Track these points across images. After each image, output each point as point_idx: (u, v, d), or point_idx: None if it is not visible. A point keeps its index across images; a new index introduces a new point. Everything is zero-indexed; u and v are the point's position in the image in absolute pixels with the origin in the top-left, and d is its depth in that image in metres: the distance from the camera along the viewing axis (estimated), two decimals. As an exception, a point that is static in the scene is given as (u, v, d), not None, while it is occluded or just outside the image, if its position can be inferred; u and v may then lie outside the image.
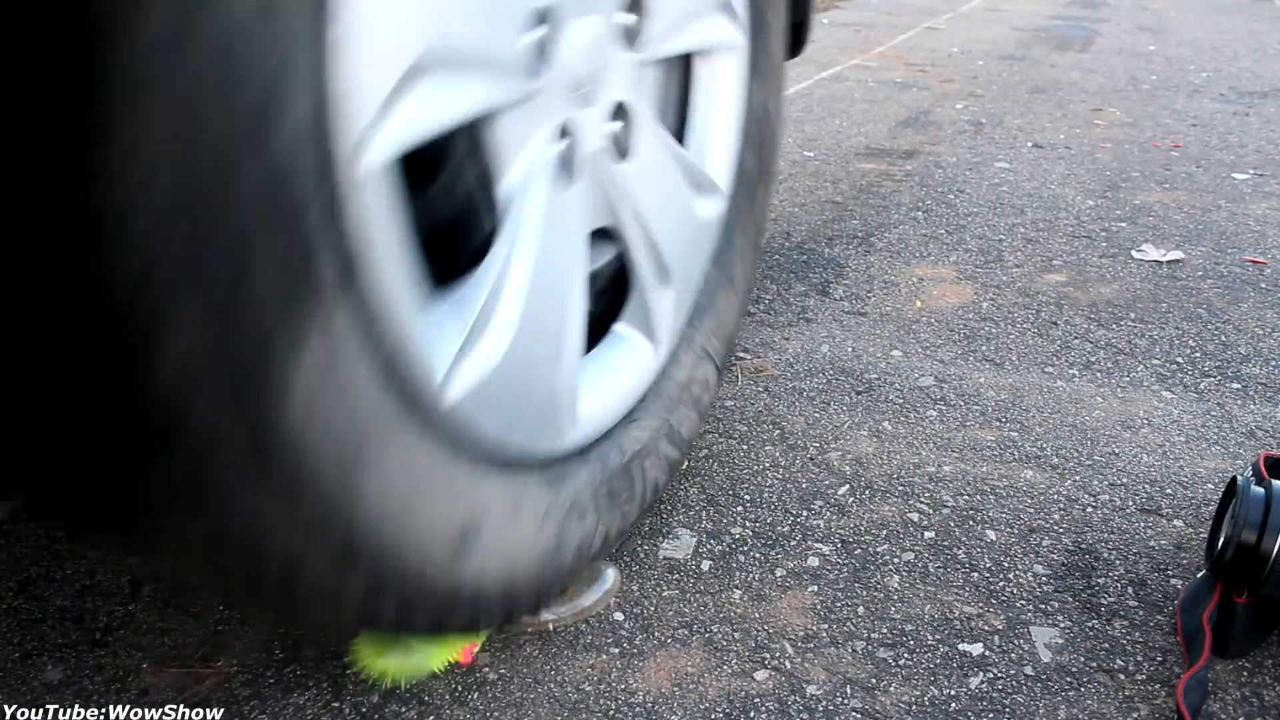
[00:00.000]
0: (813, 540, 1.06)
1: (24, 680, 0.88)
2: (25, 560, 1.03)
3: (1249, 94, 3.22)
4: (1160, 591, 0.99)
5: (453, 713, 0.85)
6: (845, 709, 0.85)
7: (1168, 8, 5.16)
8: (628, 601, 0.97)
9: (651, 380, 1.01)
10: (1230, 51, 3.96)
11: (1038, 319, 1.59)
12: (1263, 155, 2.50)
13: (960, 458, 1.21)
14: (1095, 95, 3.17)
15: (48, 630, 0.94)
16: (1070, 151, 2.53)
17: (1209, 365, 1.44)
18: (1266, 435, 1.26)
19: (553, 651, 0.91)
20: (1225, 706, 0.86)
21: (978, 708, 0.85)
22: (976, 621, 0.95)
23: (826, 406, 1.32)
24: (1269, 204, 2.14)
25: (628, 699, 0.86)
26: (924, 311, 1.60)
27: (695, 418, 1.07)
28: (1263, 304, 1.64)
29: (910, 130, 2.73)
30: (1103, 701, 0.86)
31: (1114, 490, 1.15)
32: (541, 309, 0.78)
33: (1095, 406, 1.33)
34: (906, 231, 1.96)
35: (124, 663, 0.90)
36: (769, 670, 0.89)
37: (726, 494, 1.13)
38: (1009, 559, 1.03)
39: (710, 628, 0.94)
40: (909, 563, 1.03)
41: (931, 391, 1.36)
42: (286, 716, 0.84)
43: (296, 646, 0.92)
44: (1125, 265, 1.80)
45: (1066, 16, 4.90)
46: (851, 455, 1.21)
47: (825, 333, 1.53)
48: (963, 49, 3.99)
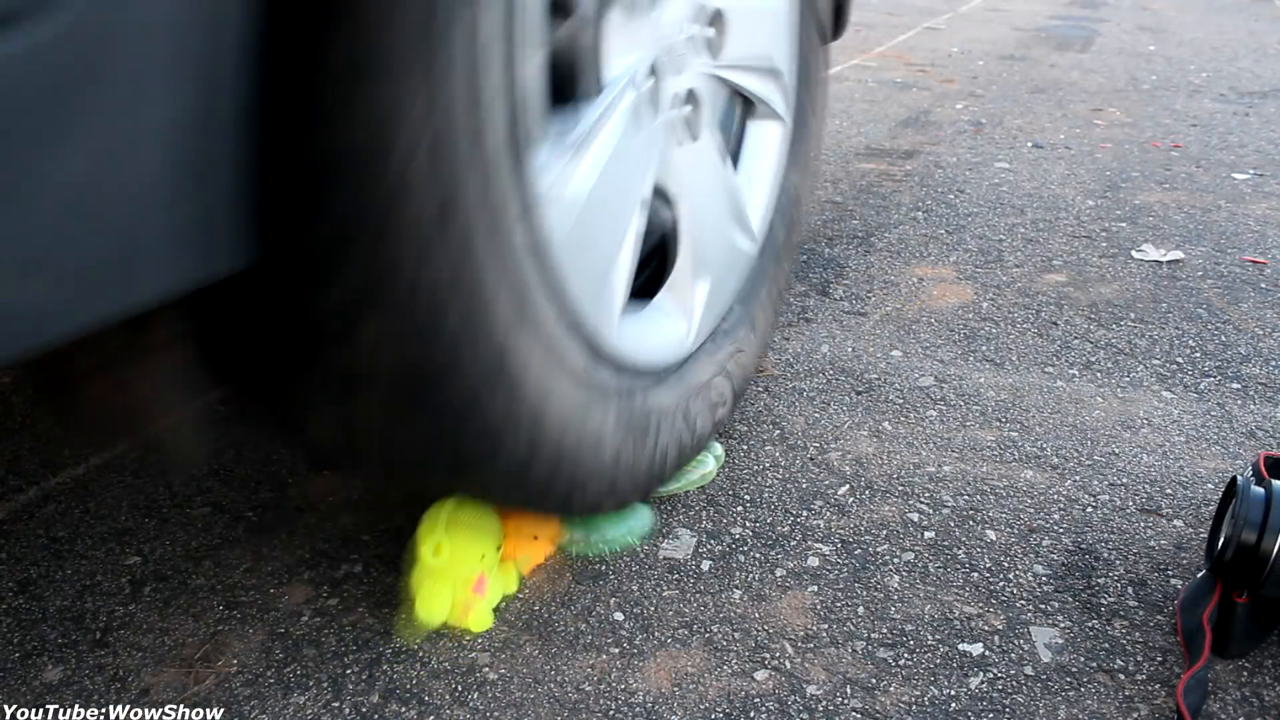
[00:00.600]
0: (813, 540, 1.06)
1: (24, 680, 0.88)
2: (25, 560, 1.03)
3: (1249, 94, 3.22)
4: (1160, 591, 0.99)
5: (453, 713, 0.85)
6: (845, 709, 0.85)
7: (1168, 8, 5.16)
8: (628, 601, 0.97)
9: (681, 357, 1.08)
10: (1230, 51, 3.96)
11: (1038, 319, 1.59)
12: (1263, 155, 2.50)
13: (960, 458, 1.21)
14: (1095, 95, 3.17)
15: (48, 630, 0.94)
16: (1070, 151, 2.53)
17: (1209, 365, 1.44)
18: (1266, 435, 1.26)
19: (553, 651, 0.91)
20: (1225, 706, 0.86)
21: (978, 708, 0.85)
22: (976, 621, 0.95)
23: (826, 406, 1.32)
24: (1269, 204, 2.14)
25: (628, 699, 0.86)
26: (924, 311, 1.60)
27: (710, 421, 1.12)
28: (1263, 304, 1.64)
29: (910, 130, 2.73)
30: (1103, 701, 0.86)
31: (1114, 490, 1.15)
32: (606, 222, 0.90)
33: (1095, 406, 1.33)
34: (906, 231, 1.96)
35: (124, 663, 0.90)
36: (769, 670, 0.89)
37: (726, 494, 1.13)
38: (1009, 559, 1.03)
39: (710, 628, 0.94)
40: (909, 563, 1.03)
41: (931, 391, 1.36)
42: (286, 716, 0.84)
43: (296, 646, 0.92)
44: (1125, 265, 1.80)
45: (1066, 16, 4.90)
46: (851, 455, 1.21)
47: (825, 333, 1.53)
48: (963, 49, 3.99)
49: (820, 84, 1.32)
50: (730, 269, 1.15)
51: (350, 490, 1.14)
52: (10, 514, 1.11)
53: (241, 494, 1.14)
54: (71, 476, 1.17)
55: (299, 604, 0.97)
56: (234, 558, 1.04)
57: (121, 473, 1.18)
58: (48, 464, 1.20)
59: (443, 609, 0.92)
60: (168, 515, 1.10)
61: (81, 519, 1.10)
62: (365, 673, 0.89)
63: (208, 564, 1.03)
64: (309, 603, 0.97)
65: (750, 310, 1.21)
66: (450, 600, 0.92)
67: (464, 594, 0.92)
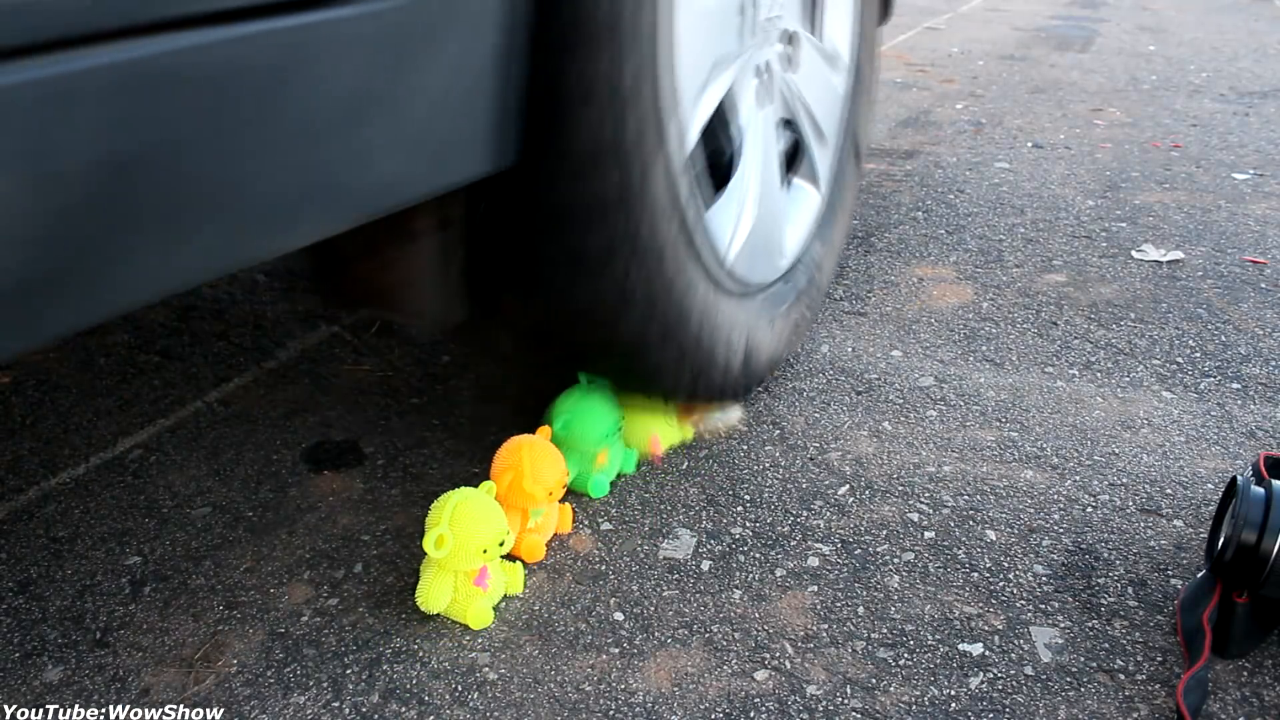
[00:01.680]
0: (813, 540, 1.06)
1: (24, 680, 0.88)
2: (25, 560, 1.03)
3: (1249, 94, 3.22)
4: (1160, 591, 0.99)
5: (453, 713, 0.85)
6: (845, 709, 0.85)
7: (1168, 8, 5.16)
8: (628, 601, 0.97)
9: (816, 218, 1.47)
10: (1230, 51, 3.96)
11: (1038, 319, 1.59)
12: (1263, 155, 2.50)
13: (960, 458, 1.21)
14: (1095, 95, 3.17)
15: (48, 630, 0.94)
16: (1070, 151, 2.53)
17: (1209, 365, 1.44)
18: (1266, 435, 1.26)
19: (553, 651, 0.91)
20: (1225, 706, 0.86)
21: (978, 708, 0.85)
22: (976, 621, 0.95)
23: (826, 406, 1.32)
24: (1269, 204, 2.14)
25: (628, 699, 0.86)
26: (924, 311, 1.60)
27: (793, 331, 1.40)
28: (1263, 304, 1.64)
29: (910, 130, 2.73)
30: (1103, 701, 0.86)
31: (1114, 490, 1.15)
32: (765, 192, 1.22)
33: (1095, 406, 1.33)
34: (906, 231, 1.96)
35: (124, 663, 0.90)
36: (769, 670, 0.89)
37: (726, 494, 1.13)
38: (1009, 559, 1.03)
39: (710, 628, 0.94)
40: (909, 563, 1.03)
41: (931, 391, 1.36)
42: (286, 716, 0.84)
43: (296, 646, 0.92)
44: (1125, 265, 1.80)
45: (1066, 16, 4.90)
46: (851, 455, 1.21)
47: (825, 333, 1.53)
48: (963, 49, 3.99)
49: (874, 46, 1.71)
50: (807, 208, 1.47)
51: (350, 490, 1.14)
52: (10, 514, 1.11)
53: (241, 494, 1.14)
54: (71, 476, 1.17)
55: (299, 604, 0.97)
56: (234, 558, 1.04)
57: (121, 473, 1.18)
58: (48, 464, 1.20)
59: (442, 600, 0.92)
60: (168, 515, 1.10)
61: (81, 519, 1.10)
62: (365, 673, 0.89)
63: (208, 564, 1.03)
64: (309, 603, 0.97)
65: (828, 229, 1.52)
66: (451, 592, 0.92)
67: (465, 587, 0.92)
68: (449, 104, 0.76)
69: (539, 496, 0.99)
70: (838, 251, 1.58)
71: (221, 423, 1.28)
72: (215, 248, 0.62)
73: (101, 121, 0.51)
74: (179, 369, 1.42)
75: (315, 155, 0.65)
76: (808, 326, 1.44)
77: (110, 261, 0.55)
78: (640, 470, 1.18)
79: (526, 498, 0.99)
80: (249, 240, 0.64)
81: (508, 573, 0.97)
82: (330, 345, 1.49)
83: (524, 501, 0.99)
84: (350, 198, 0.71)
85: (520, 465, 0.99)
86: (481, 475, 1.12)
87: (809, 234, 1.46)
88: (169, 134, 0.55)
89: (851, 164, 1.60)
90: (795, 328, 1.38)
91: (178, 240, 0.59)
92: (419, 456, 1.21)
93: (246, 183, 0.61)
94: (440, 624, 0.94)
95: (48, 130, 0.49)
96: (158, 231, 0.57)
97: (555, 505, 1.04)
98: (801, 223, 1.44)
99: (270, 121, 0.61)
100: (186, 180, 0.57)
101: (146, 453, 1.22)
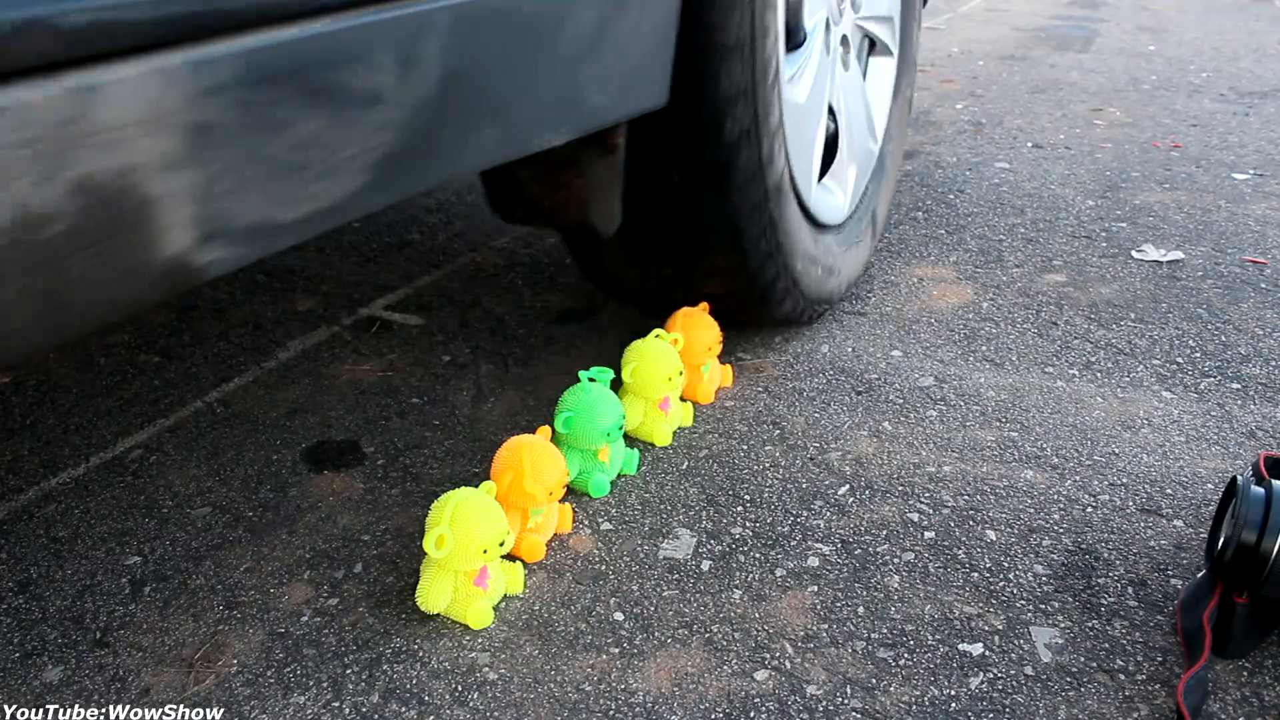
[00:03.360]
0: (813, 540, 1.06)
1: (24, 680, 0.88)
2: (25, 560, 1.03)
3: (1249, 94, 3.22)
4: (1160, 591, 0.99)
5: (453, 713, 0.85)
6: (845, 709, 0.85)
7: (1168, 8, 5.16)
8: (628, 601, 0.97)
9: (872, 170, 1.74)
10: (1230, 51, 3.96)
11: (1038, 319, 1.59)
12: (1263, 155, 2.50)
13: (960, 458, 1.21)
14: (1095, 95, 3.17)
15: (48, 630, 0.94)
16: (1070, 151, 2.53)
17: (1209, 365, 1.44)
18: (1266, 435, 1.26)
19: (553, 651, 0.91)
20: (1225, 706, 0.86)
21: (978, 708, 0.85)
22: (976, 621, 0.95)
23: (826, 406, 1.32)
24: (1269, 204, 2.14)
25: (628, 699, 0.86)
26: (924, 311, 1.60)
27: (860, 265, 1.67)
28: (1263, 304, 1.64)
29: (910, 130, 2.73)
30: (1103, 701, 0.86)
31: (1114, 490, 1.15)
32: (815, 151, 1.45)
33: (1095, 406, 1.33)
34: (906, 231, 1.96)
35: (124, 663, 0.90)
36: (769, 670, 0.89)
37: (726, 494, 1.13)
38: (1009, 559, 1.03)
39: (710, 628, 0.94)
40: (909, 563, 1.03)
41: (931, 391, 1.36)
42: (286, 716, 0.84)
43: (296, 646, 0.92)
44: (1125, 265, 1.80)
45: (1066, 16, 4.89)
46: (851, 455, 1.21)
47: (825, 333, 1.53)
48: (963, 49, 3.99)
49: (916, 30, 1.90)
50: (866, 162, 1.69)
51: (350, 490, 1.14)
52: (10, 514, 1.11)
53: (241, 494, 1.14)
54: (71, 476, 1.17)
55: (299, 604, 0.97)
56: (234, 558, 1.04)
57: (122, 473, 1.18)
58: (48, 464, 1.20)
59: (442, 600, 0.92)
60: (168, 515, 1.10)
61: (81, 519, 1.10)
62: (365, 673, 0.89)
63: (208, 564, 1.03)
64: (309, 603, 0.97)
65: (878, 188, 1.75)
66: (451, 592, 0.92)
67: (465, 587, 0.92)
68: (646, 48, 1.00)
69: (539, 496, 0.99)
70: (889, 198, 1.84)
71: (221, 423, 1.28)
72: (502, 139, 0.85)
73: (446, 44, 0.74)
74: (179, 369, 1.42)
75: (567, 79, 0.90)
76: (870, 258, 1.74)
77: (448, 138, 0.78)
78: (640, 470, 1.18)
79: (527, 498, 0.99)
80: (521, 136, 0.87)
81: (508, 573, 0.97)
82: (330, 345, 1.49)
83: (524, 501, 0.99)
84: (582, 114, 0.94)
85: (520, 465, 0.99)
86: (481, 475, 1.12)
87: (867, 182, 1.71)
88: (485, 56, 0.79)
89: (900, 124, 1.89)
90: (862, 261, 1.67)
91: (484, 127, 0.82)
92: (419, 456, 1.21)
93: (530, 91, 0.86)
94: (440, 624, 0.94)
95: (418, 46, 0.72)
96: (473, 122, 0.81)
97: (555, 505, 1.04)
98: (861, 174, 1.68)
99: (547, 50, 0.86)
100: (491, 90, 0.81)
101: (146, 453, 1.22)
